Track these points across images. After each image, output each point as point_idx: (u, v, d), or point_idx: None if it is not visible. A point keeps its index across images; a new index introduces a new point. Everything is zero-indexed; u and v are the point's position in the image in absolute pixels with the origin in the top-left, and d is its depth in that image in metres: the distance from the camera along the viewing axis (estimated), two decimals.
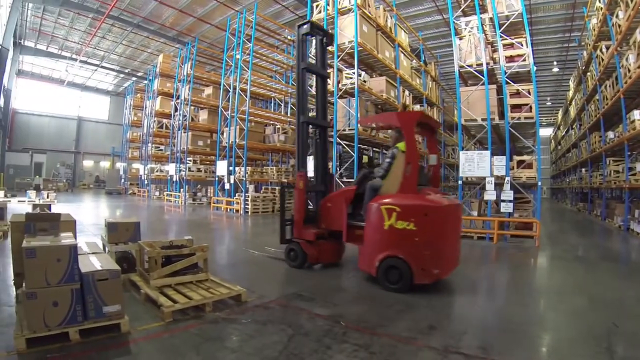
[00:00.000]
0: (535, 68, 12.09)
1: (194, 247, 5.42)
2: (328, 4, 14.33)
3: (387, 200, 5.69)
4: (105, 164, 42.95)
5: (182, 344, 3.73)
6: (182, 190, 22.52)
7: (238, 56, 18.26)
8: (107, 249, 5.86)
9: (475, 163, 10.71)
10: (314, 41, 8.76)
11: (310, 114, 8.11)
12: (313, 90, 8.36)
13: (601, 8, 14.98)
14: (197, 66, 23.47)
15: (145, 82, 32.07)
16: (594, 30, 16.46)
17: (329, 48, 13.79)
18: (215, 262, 7.06)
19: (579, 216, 21.29)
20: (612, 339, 4.11)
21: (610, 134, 16.05)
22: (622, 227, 13.77)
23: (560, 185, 36.90)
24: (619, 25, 12.96)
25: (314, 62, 8.21)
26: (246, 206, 17.14)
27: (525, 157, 11.28)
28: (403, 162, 5.85)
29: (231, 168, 17.99)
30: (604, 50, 15.49)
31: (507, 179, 10.45)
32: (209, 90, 23.37)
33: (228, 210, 18.05)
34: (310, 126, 7.63)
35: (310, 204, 7.86)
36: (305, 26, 7.40)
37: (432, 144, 7.18)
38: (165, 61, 26.01)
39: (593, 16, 17.30)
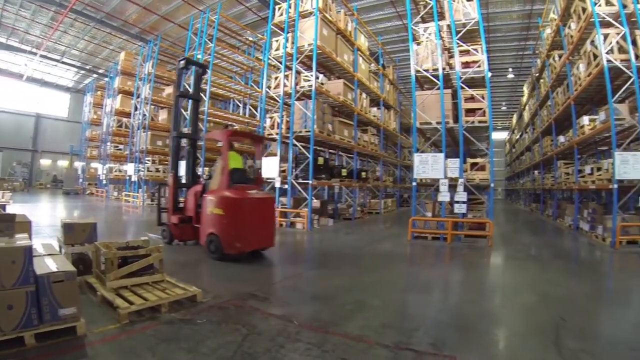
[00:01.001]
0: (490, 74, 12.48)
1: (150, 247, 5.36)
2: (290, 7, 14.39)
3: (209, 194, 7.93)
4: (63, 163, 41.43)
5: (138, 345, 3.70)
6: (140, 190, 22.01)
7: (199, 56, 18.05)
8: (63, 250, 5.76)
9: (429, 165, 10.92)
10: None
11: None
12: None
13: (555, 19, 15.66)
14: (158, 65, 23.04)
15: (107, 79, 31.24)
16: (548, 39, 17.20)
17: (288, 50, 13.97)
18: (175, 263, 7.11)
19: (531, 216, 22.04)
20: (560, 333, 4.28)
21: (561, 138, 16.75)
22: (572, 227, 14.39)
23: (515, 187, 38.25)
24: (571, 36, 13.56)
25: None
26: None
27: (478, 160, 11.56)
28: (222, 167, 7.94)
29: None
30: (556, 58, 16.21)
31: (460, 180, 10.71)
32: (169, 90, 22.97)
33: None
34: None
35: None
36: (182, 62, 9.50)
37: (258, 152, 9.54)
38: (127, 59, 25.46)
39: (547, 26, 18.08)
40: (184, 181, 9.88)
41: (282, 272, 7.60)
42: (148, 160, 22.08)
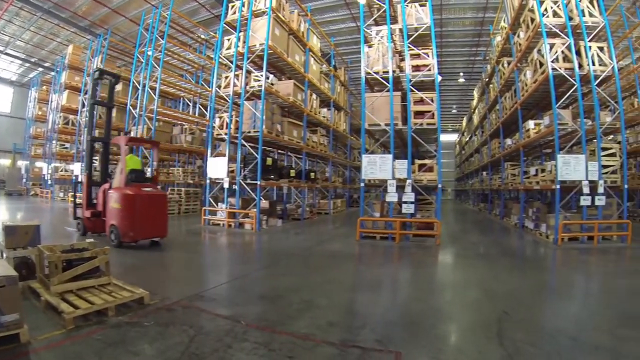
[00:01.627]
0: (440, 78, 12.71)
1: (96, 250, 5.19)
2: (243, 5, 14.18)
3: (111, 191, 9.10)
4: (5, 161, 39.05)
5: (84, 350, 3.60)
6: None
7: (150, 53, 17.50)
8: (4, 254, 5.64)
9: (377, 166, 10.99)
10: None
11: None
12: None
13: (505, 27, 16.19)
14: (108, 60, 22.21)
15: (53, 73, 29.64)
16: (498, 47, 17.78)
17: (239, 49, 13.74)
18: (122, 265, 7.13)
19: (479, 216, 22.71)
20: (503, 326, 4.41)
21: (509, 141, 17.37)
22: (518, 225, 14.93)
23: (464, 187, 39.34)
24: (520, 44, 14.07)
25: None
26: None
27: (426, 161, 11.73)
28: (121, 168, 9.11)
29: None
30: (505, 65, 16.76)
31: (408, 181, 10.84)
32: (118, 87, 21.93)
33: None
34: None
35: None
36: (97, 72, 10.53)
37: (156, 155, 11.38)
38: (75, 53, 24.30)
39: (498, 34, 18.69)
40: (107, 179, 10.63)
41: (231, 272, 7.57)
42: (96, 159, 21.10)
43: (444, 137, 50.26)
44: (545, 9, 11.88)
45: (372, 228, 11.45)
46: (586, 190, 10.77)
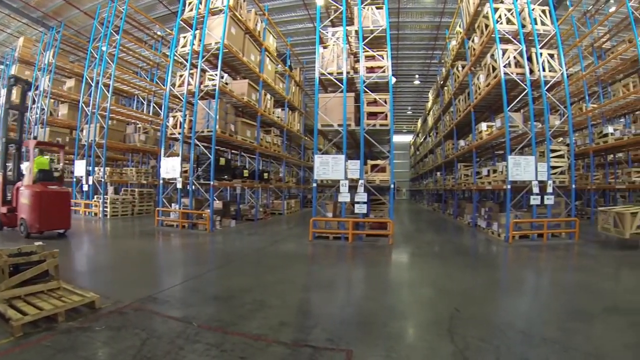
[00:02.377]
0: (395, 79, 12.88)
1: (44, 253, 4.99)
2: (200, 3, 13.96)
3: (21, 188, 10.25)
4: None
5: (33, 358, 3.50)
6: None
7: (104, 48, 16.98)
8: None
9: (330, 166, 11.02)
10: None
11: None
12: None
13: (460, 32, 16.63)
14: (60, 55, 21.21)
15: (1, 67, 28.26)
16: (453, 50, 18.25)
17: (195, 47, 13.51)
18: (73, 269, 7.05)
19: (433, 215, 23.11)
20: (454, 322, 4.51)
21: (462, 142, 17.84)
22: (471, 224, 15.32)
23: (418, 188, 39.92)
24: (474, 49, 14.49)
25: None
26: (105, 209, 16.05)
27: (379, 162, 11.86)
28: (29, 168, 10.22)
29: (90, 168, 16.73)
30: (460, 68, 17.19)
31: (361, 181, 10.92)
32: (71, 83, 21.31)
33: (86, 213, 16.72)
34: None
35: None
36: (12, 79, 11.48)
37: (61, 158, 12.42)
38: (26, 45, 23.12)
39: (453, 38, 19.16)
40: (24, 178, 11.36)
41: (183, 273, 7.44)
42: (46, 158, 20.25)
43: (399, 138, 51.15)
44: (500, 16, 12.31)
45: (325, 228, 11.48)
46: (536, 190, 11.20)
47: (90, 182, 16.69)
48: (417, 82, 34.49)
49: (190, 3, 14.33)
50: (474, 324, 4.51)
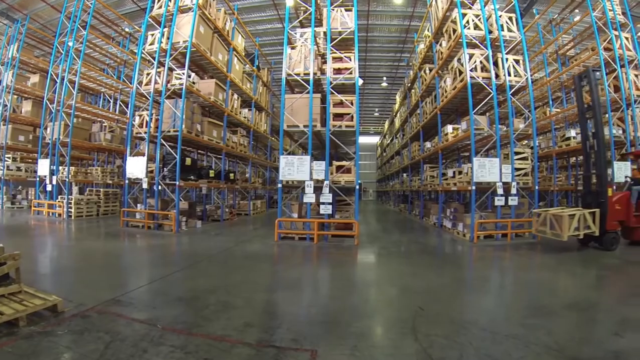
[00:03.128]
0: (362, 81, 13.00)
1: (4, 255, 4.79)
2: (170, 0, 13.77)
3: None
4: None
5: None
6: None
7: (70, 43, 16.58)
8: None
9: (295, 167, 11.06)
10: None
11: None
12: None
13: (429, 36, 16.95)
14: (25, 49, 20.59)
15: None
16: (421, 54, 18.55)
17: (162, 45, 13.36)
18: (35, 272, 6.87)
19: (400, 216, 23.37)
20: (417, 321, 4.60)
21: (428, 144, 18.16)
22: (437, 225, 15.62)
23: (385, 189, 40.21)
24: (441, 53, 14.76)
25: None
26: (69, 210, 15.67)
27: (344, 163, 11.97)
28: None
29: (54, 167, 16.32)
30: (427, 71, 17.47)
31: (326, 182, 11.01)
32: (35, 79, 20.59)
33: (50, 214, 16.30)
34: None
35: None
36: None
37: None
38: None
39: (421, 42, 19.49)
40: None
41: (148, 275, 7.33)
42: (8, 157, 19.73)
43: (367, 139, 51.40)
44: (467, 22, 12.59)
45: (291, 229, 11.53)
46: (500, 191, 11.50)
47: (54, 182, 16.26)
48: (385, 84, 34.92)
49: (159, 0, 14.13)
50: (438, 322, 4.63)
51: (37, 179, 17.53)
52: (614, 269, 8.19)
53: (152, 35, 14.11)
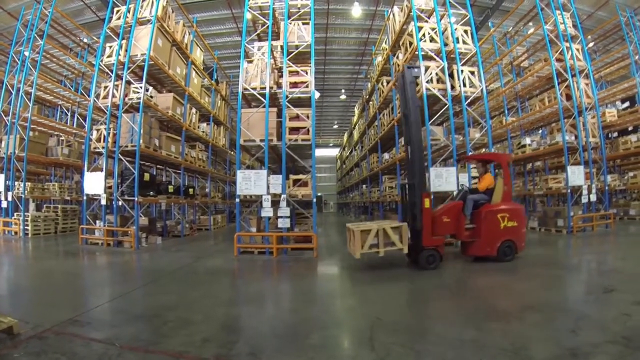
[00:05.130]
0: (317, 95, 13.22)
1: None
2: (128, 12, 13.73)
3: None
4: None
5: None
6: None
7: (27, 53, 16.25)
8: None
9: (252, 182, 11.14)
10: None
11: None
12: None
13: (386, 49, 17.31)
14: None
15: None
16: (379, 66, 18.98)
17: (120, 57, 13.28)
18: None
19: None
20: (375, 330, 4.67)
21: (386, 155, 18.58)
22: None
23: (345, 200, 40.72)
24: (398, 65, 15.07)
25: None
26: (26, 227, 15.38)
27: (301, 176, 12.14)
28: None
29: (9, 183, 15.94)
30: (385, 84, 17.86)
31: (283, 196, 11.15)
32: None
33: (6, 232, 15.92)
34: None
35: None
36: None
37: None
38: None
39: (379, 54, 19.94)
40: None
41: (107, 293, 7.25)
42: None
43: (326, 152, 51.78)
44: (423, 35, 12.93)
45: (250, 243, 11.57)
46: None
47: (10, 198, 15.87)
48: (343, 96, 35.33)
49: (118, 11, 14.05)
50: (395, 331, 4.69)
51: None
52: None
53: (110, 47, 13.95)
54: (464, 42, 13.11)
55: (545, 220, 15.29)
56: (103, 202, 12.86)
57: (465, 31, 13.25)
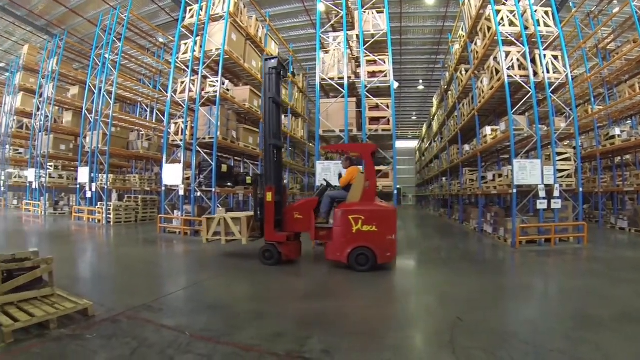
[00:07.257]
0: (397, 84, 12.76)
1: (38, 260, 4.91)
2: (201, 9, 13.95)
3: None
4: None
5: None
6: (42, 198, 20.28)
7: (107, 55, 17.03)
8: None
9: (331, 172, 10.94)
10: None
11: None
12: None
13: (463, 36, 16.53)
14: (64, 62, 21.35)
15: (7, 74, 28.46)
16: (456, 54, 18.18)
17: (195, 53, 13.49)
18: (71, 276, 6.84)
19: (439, 221, 22.83)
20: (455, 332, 4.35)
21: (467, 147, 17.69)
22: (477, 229, 15.15)
23: (425, 193, 39.53)
24: (477, 52, 14.37)
25: None
26: (108, 216, 16.04)
27: (382, 168, 11.78)
28: None
29: (93, 175, 16.78)
30: (463, 72, 17.09)
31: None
32: (74, 90, 21.41)
33: (90, 220, 16.70)
34: None
35: None
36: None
37: None
38: (31, 53, 23.34)
39: (456, 42, 19.11)
40: None
41: (181, 281, 7.26)
42: (50, 165, 20.46)
43: (405, 144, 51.23)
44: (502, 19, 12.17)
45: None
46: (542, 194, 10.97)
47: (94, 189, 16.69)
48: (421, 87, 34.40)
49: (191, 10, 14.34)
50: (477, 333, 4.36)
51: (78, 186, 18.11)
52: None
53: (185, 44, 14.31)
54: (545, 25, 12.17)
55: (636, 220, 14.03)
56: (181, 192, 13.15)
57: (546, 12, 12.29)
